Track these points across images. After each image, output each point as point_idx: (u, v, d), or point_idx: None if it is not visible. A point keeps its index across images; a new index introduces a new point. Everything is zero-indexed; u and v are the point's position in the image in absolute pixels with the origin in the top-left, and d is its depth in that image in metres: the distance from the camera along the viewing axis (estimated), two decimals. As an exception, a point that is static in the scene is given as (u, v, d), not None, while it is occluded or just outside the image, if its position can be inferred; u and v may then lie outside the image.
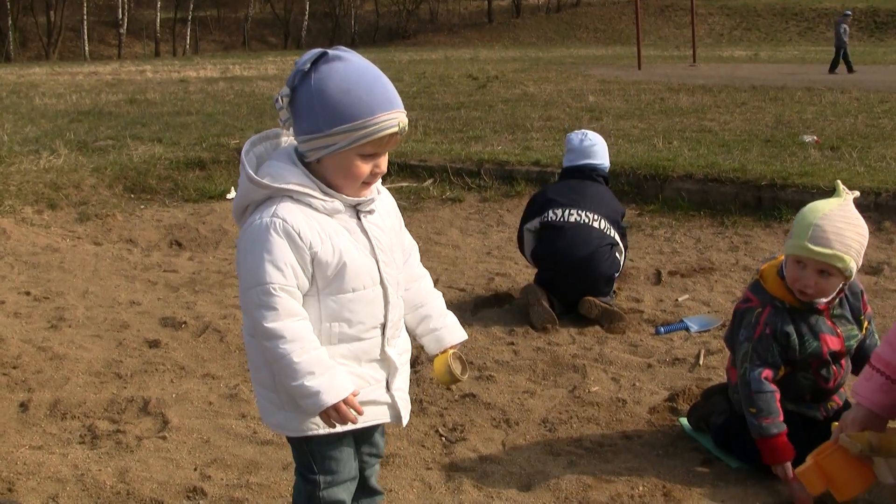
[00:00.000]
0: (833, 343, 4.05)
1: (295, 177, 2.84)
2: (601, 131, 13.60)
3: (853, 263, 3.88)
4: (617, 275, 6.46)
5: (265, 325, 2.77)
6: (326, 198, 2.87)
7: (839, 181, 3.98)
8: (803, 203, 8.22)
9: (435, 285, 3.22)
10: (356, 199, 2.94)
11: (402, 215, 3.29)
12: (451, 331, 3.33)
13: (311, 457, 3.07)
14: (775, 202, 8.69)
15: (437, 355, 3.30)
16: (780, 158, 10.64)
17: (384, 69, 3.05)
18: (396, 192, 9.94)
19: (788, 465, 3.89)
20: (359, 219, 2.97)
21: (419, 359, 5.47)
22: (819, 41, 60.23)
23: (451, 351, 3.30)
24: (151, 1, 74.49)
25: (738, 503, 3.93)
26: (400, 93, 2.97)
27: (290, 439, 3.12)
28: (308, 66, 2.82)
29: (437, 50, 51.17)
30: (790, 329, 4.00)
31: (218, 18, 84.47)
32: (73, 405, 4.90)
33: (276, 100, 2.88)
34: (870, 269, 7.35)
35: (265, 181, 2.82)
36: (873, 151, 11.26)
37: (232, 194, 10.30)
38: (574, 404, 4.92)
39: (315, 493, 3.10)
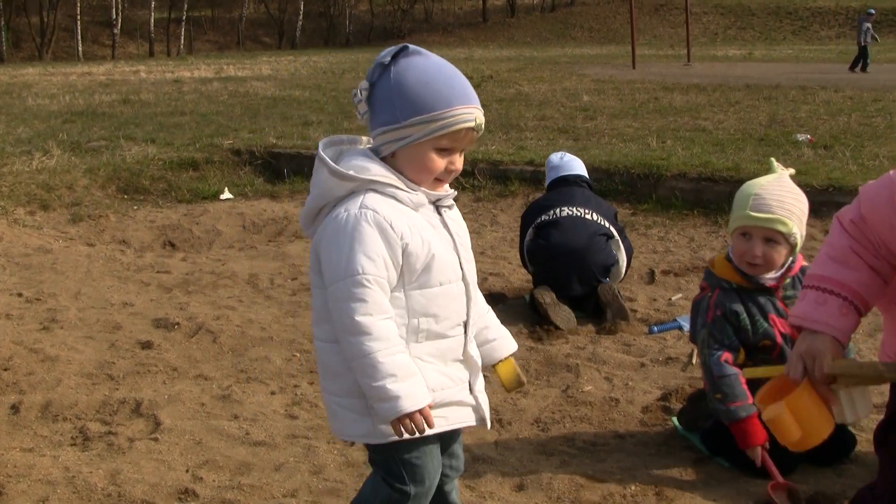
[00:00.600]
0: (785, 326, 4.05)
1: (379, 169, 2.83)
2: (595, 131, 13.75)
3: (796, 229, 3.93)
4: (614, 267, 6.47)
5: (355, 317, 2.71)
6: (410, 190, 2.85)
7: (773, 159, 4.08)
8: (797, 202, 8.30)
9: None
10: (437, 193, 2.92)
11: None
12: (508, 341, 3.28)
13: (402, 466, 2.96)
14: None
15: (500, 363, 3.25)
16: (773, 157, 10.61)
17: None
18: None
19: (760, 449, 3.92)
20: (440, 214, 2.95)
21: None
22: (813, 40, 60.32)
23: (511, 359, 3.27)
24: (146, 1, 74.36)
25: (731, 502, 3.94)
26: None
27: (376, 448, 2.99)
28: (388, 59, 2.84)
29: (432, 49, 50.58)
30: (739, 308, 4.04)
31: (212, 18, 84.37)
32: (64, 407, 4.89)
33: (355, 94, 2.88)
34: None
35: (350, 173, 2.79)
36: (866, 150, 11.27)
37: (226, 195, 10.31)
38: (567, 404, 4.93)
39: None
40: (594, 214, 6.41)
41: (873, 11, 33.31)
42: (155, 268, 7.79)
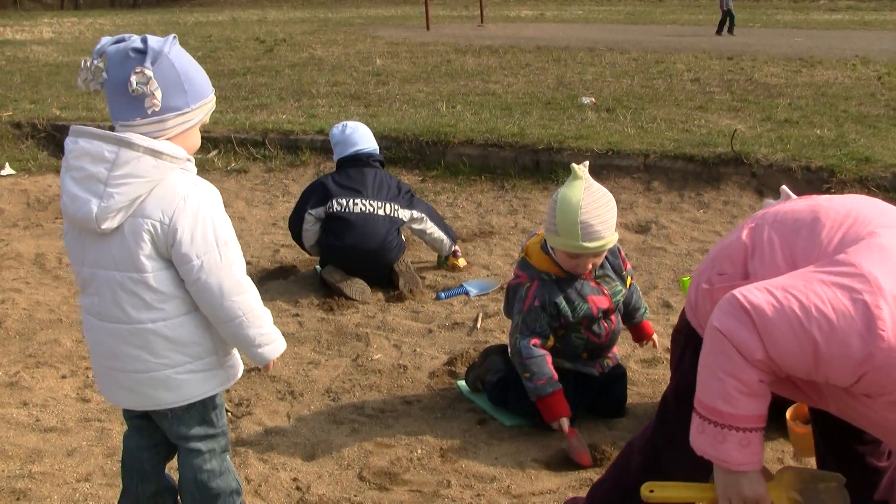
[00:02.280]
0: (601, 302, 4.40)
1: (181, 150, 3.04)
2: (387, 97, 13.91)
3: (616, 235, 4.26)
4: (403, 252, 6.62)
5: (239, 278, 3.05)
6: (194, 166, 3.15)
7: (574, 164, 4.21)
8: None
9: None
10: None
11: None
12: None
13: (216, 410, 3.29)
14: (552, 165, 9.07)
15: None
16: (558, 121, 11.06)
17: (168, 32, 3.17)
18: (180, 165, 9.88)
19: (565, 420, 4.21)
20: None
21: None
22: (602, 1, 61.89)
23: None
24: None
25: (511, 459, 4.23)
26: None
27: (204, 404, 3.24)
28: (167, 47, 2.97)
29: (223, 11, 50.30)
30: (559, 299, 4.33)
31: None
32: None
33: (99, 72, 2.98)
34: (639, 227, 7.82)
35: (178, 155, 2.98)
36: (646, 112, 11.84)
37: (7, 170, 10.02)
38: (357, 373, 5.13)
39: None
40: (387, 206, 6.41)
41: None
42: (-67, 251, 7.58)
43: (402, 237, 6.60)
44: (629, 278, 4.63)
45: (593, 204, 4.11)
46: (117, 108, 2.93)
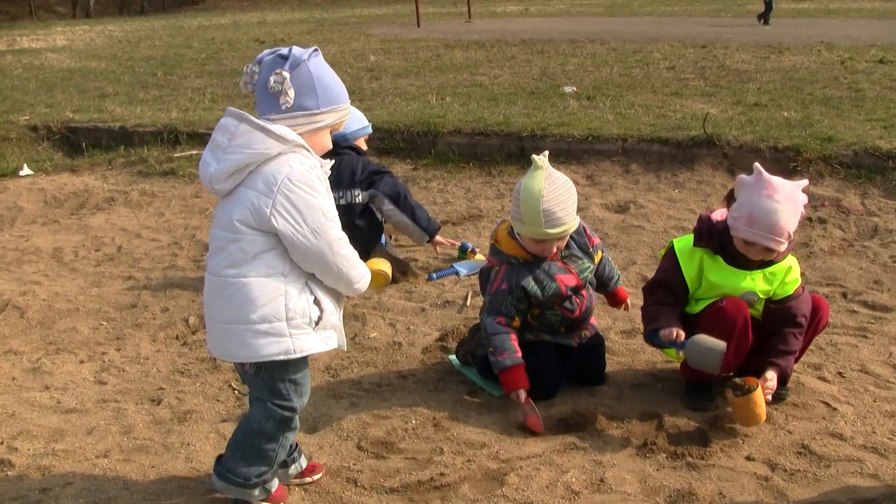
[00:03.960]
0: (569, 280, 4.44)
1: (299, 137, 3.30)
2: (380, 91, 13.93)
3: (578, 218, 4.31)
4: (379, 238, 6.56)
5: (341, 238, 3.33)
6: (316, 157, 3.36)
7: (534, 155, 4.28)
8: (561, 151, 8.73)
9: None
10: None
11: (193, 183, 3.65)
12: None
13: (290, 384, 3.47)
14: (536, 151, 8.97)
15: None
16: (541, 110, 11.08)
17: (174, 36, 3.25)
18: (187, 160, 9.92)
19: (522, 392, 4.28)
20: None
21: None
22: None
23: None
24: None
25: (499, 426, 4.29)
26: (189, 60, 3.42)
27: (272, 370, 3.41)
28: (306, 56, 3.28)
29: (225, 14, 50.11)
30: (527, 281, 4.38)
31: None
32: None
33: (262, 76, 3.32)
34: (618, 207, 7.86)
35: (289, 136, 3.24)
36: (624, 99, 11.86)
37: (25, 171, 10.04)
38: (355, 350, 5.18)
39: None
40: (347, 195, 6.24)
41: None
42: (-43, 247, 7.61)
43: (378, 220, 6.46)
44: (599, 253, 4.67)
45: (554, 192, 4.17)
46: (260, 103, 3.29)
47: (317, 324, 3.38)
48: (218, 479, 3.56)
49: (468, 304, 5.82)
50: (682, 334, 4.23)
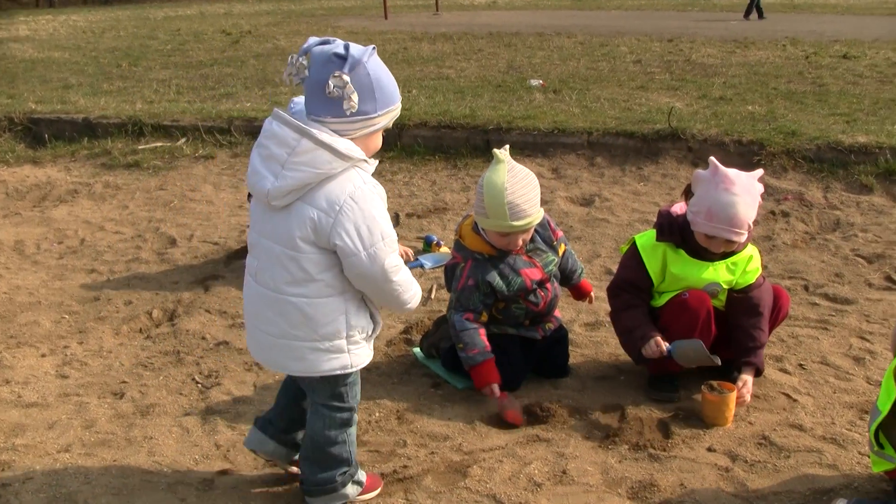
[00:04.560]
0: (534, 274, 4.46)
1: (360, 151, 3.16)
2: (347, 83, 13.82)
3: (542, 211, 4.32)
4: None
5: (397, 264, 3.24)
6: (373, 168, 3.25)
7: (495, 149, 4.29)
8: (527, 144, 8.75)
9: (190, 240, 3.39)
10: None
11: (158, 175, 3.54)
12: None
13: (347, 388, 3.47)
14: (502, 144, 9.01)
15: None
16: (507, 103, 11.11)
17: (139, 27, 3.19)
18: (151, 153, 9.87)
19: (495, 385, 4.30)
20: None
21: (176, 312, 5.61)
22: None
23: None
24: None
25: (462, 419, 4.31)
26: (154, 51, 3.27)
27: (334, 380, 3.41)
28: (366, 57, 3.07)
29: (191, 5, 49.67)
30: (492, 276, 4.39)
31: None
32: None
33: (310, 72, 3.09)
34: (583, 200, 7.89)
35: (353, 154, 3.09)
36: (590, 93, 11.91)
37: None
38: (319, 343, 5.16)
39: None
40: None
41: None
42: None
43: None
44: (562, 246, 4.70)
45: (517, 185, 4.18)
46: (313, 104, 3.08)
47: (370, 336, 3.40)
48: (310, 497, 3.56)
49: (433, 297, 5.83)
50: (664, 345, 4.29)
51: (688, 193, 4.33)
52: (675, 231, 4.33)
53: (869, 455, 3.64)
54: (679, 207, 4.40)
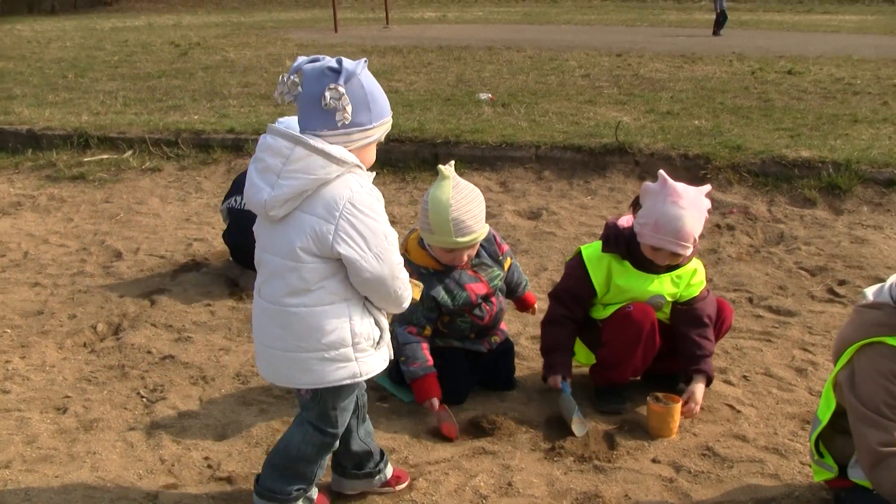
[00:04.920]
0: (479, 289, 4.50)
1: (354, 156, 3.15)
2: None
3: (487, 226, 4.35)
4: None
5: (399, 264, 3.25)
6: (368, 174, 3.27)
7: (440, 166, 4.31)
8: (475, 157, 8.80)
9: (136, 253, 3.35)
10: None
11: (103, 188, 3.49)
12: None
13: (338, 412, 3.44)
14: (450, 157, 9.11)
15: None
16: (456, 116, 11.15)
17: (86, 37, 3.16)
18: (97, 165, 9.78)
19: (435, 399, 4.32)
20: None
21: (121, 326, 5.58)
22: (501, 3, 62.09)
23: None
24: None
25: (409, 432, 4.34)
26: (101, 62, 3.21)
27: (327, 395, 3.38)
28: (359, 69, 3.14)
29: (139, 16, 49.31)
30: (437, 291, 4.42)
31: None
32: None
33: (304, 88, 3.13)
34: (531, 214, 7.94)
35: (348, 159, 3.10)
36: (539, 107, 11.99)
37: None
38: (266, 357, 5.14)
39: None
40: None
41: None
42: None
43: None
44: (508, 260, 4.73)
45: (462, 201, 4.20)
46: (308, 118, 3.12)
47: (377, 343, 3.37)
48: (258, 499, 3.53)
49: (380, 310, 5.83)
50: (559, 383, 4.44)
51: (636, 206, 4.37)
52: (621, 243, 4.37)
53: (810, 464, 3.70)
54: (626, 220, 4.45)
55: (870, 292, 3.30)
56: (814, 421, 3.51)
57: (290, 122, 6.53)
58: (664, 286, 4.42)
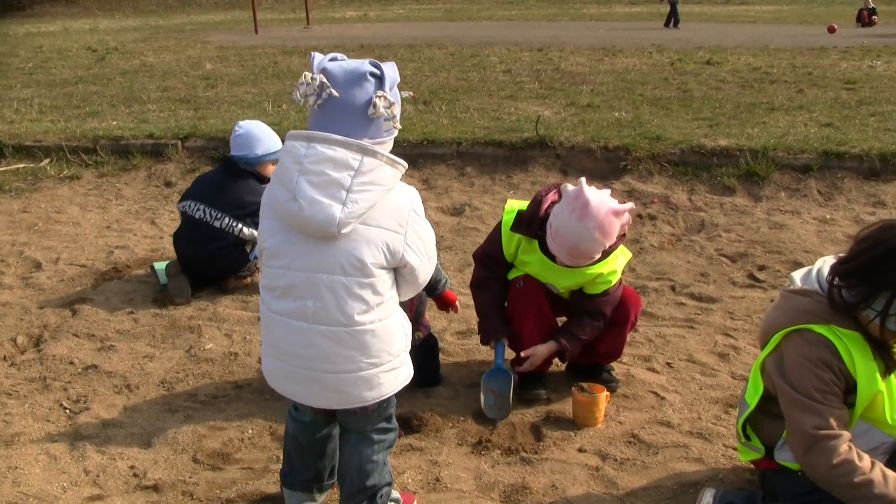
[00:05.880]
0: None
1: None
2: (216, 99, 13.73)
3: None
4: (245, 271, 6.35)
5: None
6: None
7: None
8: (397, 155, 8.80)
9: (56, 263, 3.26)
10: None
11: (20, 197, 3.39)
12: None
13: (393, 407, 3.39)
14: (374, 157, 9.13)
15: None
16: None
17: None
18: (13, 174, 9.62)
19: None
20: None
21: (42, 337, 5.50)
22: (422, 0, 62.20)
23: None
24: None
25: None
26: (15, 69, 3.08)
27: (389, 397, 3.28)
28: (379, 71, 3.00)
29: (55, 21, 48.48)
30: None
31: None
32: None
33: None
34: (454, 210, 7.98)
35: (404, 165, 3.09)
36: (460, 103, 12.05)
37: None
38: (190, 363, 5.12)
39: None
40: (225, 219, 6.13)
41: None
42: None
43: (240, 255, 6.25)
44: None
45: None
46: (347, 125, 2.89)
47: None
48: None
49: (306, 311, 5.82)
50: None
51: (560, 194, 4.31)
52: (532, 226, 4.30)
53: (736, 447, 3.77)
54: (553, 196, 4.36)
55: (797, 277, 3.34)
56: (741, 404, 3.57)
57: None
58: (561, 278, 4.42)
